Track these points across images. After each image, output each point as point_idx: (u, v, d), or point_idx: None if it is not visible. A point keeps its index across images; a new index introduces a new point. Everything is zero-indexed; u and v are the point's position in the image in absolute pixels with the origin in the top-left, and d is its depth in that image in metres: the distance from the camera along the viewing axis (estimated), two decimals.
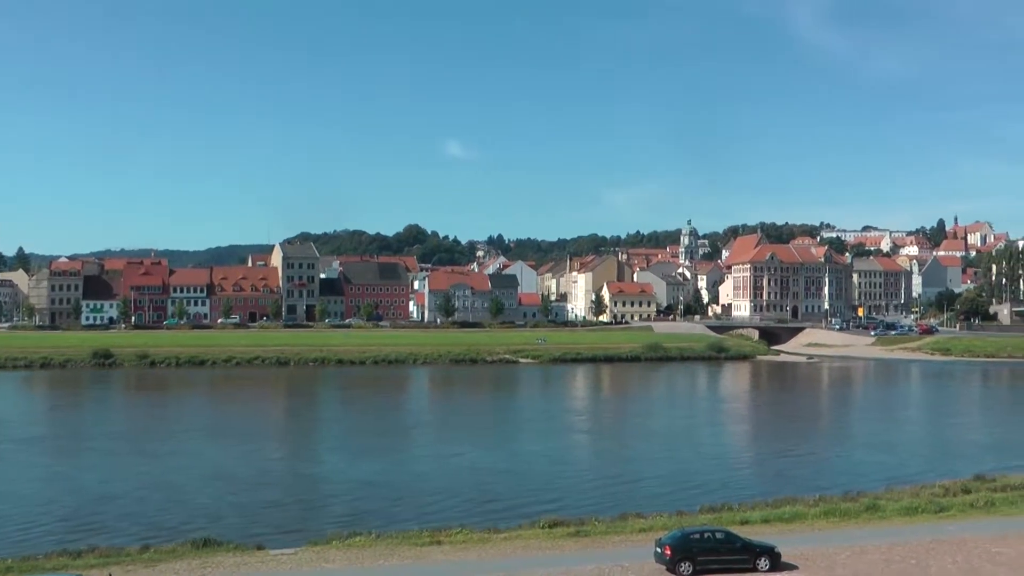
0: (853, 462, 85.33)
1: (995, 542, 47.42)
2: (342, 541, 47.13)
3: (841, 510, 54.55)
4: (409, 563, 42.71)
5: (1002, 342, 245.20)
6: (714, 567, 40.68)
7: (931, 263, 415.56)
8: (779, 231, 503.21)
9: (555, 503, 63.11)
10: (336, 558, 43.64)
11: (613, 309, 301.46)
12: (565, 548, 45.83)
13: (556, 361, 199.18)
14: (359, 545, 46.31)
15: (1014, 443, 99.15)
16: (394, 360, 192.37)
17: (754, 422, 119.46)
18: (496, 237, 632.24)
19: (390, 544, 46.60)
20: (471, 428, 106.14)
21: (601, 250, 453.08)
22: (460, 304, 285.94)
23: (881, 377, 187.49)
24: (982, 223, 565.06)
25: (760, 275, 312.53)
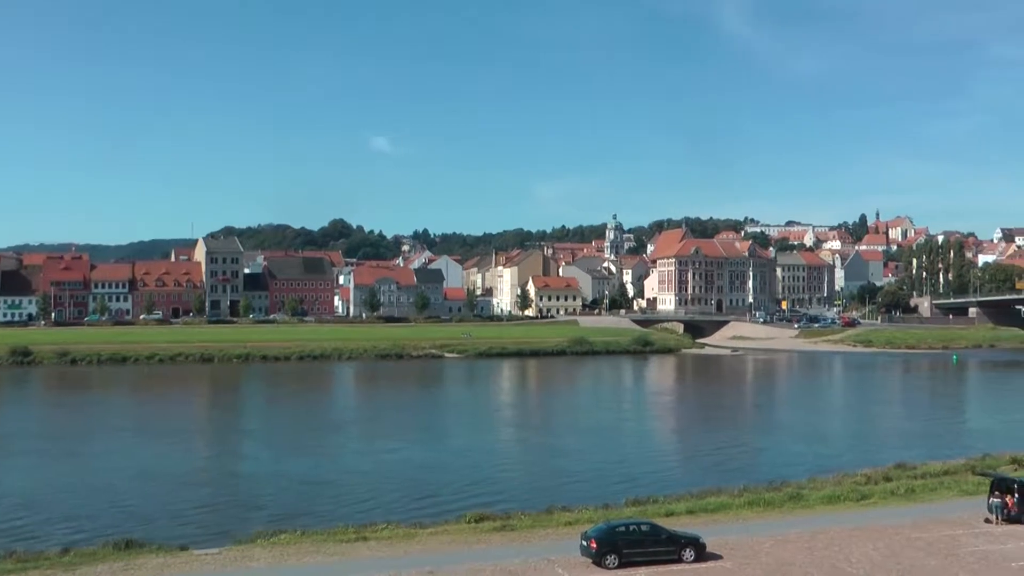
0: (777, 453, 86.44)
1: (915, 528, 48.39)
2: (267, 539, 46.79)
3: (765, 500, 55.26)
4: (334, 560, 42.55)
5: (922, 334, 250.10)
6: (640, 559, 40.89)
7: (853, 257, 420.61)
8: (703, 226, 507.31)
9: (482, 498, 63.19)
10: (261, 557, 43.34)
11: (539, 303, 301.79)
12: (491, 542, 45.93)
13: (482, 355, 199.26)
14: (284, 543, 46.02)
15: (934, 432, 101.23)
16: (319, 355, 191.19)
17: (679, 415, 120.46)
18: (422, 232, 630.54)
19: (315, 541, 46.40)
20: (398, 423, 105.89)
21: (527, 245, 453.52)
22: (385, 299, 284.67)
23: (805, 369, 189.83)
24: (903, 218, 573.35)
25: (685, 269, 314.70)
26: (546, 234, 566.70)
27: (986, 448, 79.64)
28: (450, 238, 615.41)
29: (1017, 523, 48.96)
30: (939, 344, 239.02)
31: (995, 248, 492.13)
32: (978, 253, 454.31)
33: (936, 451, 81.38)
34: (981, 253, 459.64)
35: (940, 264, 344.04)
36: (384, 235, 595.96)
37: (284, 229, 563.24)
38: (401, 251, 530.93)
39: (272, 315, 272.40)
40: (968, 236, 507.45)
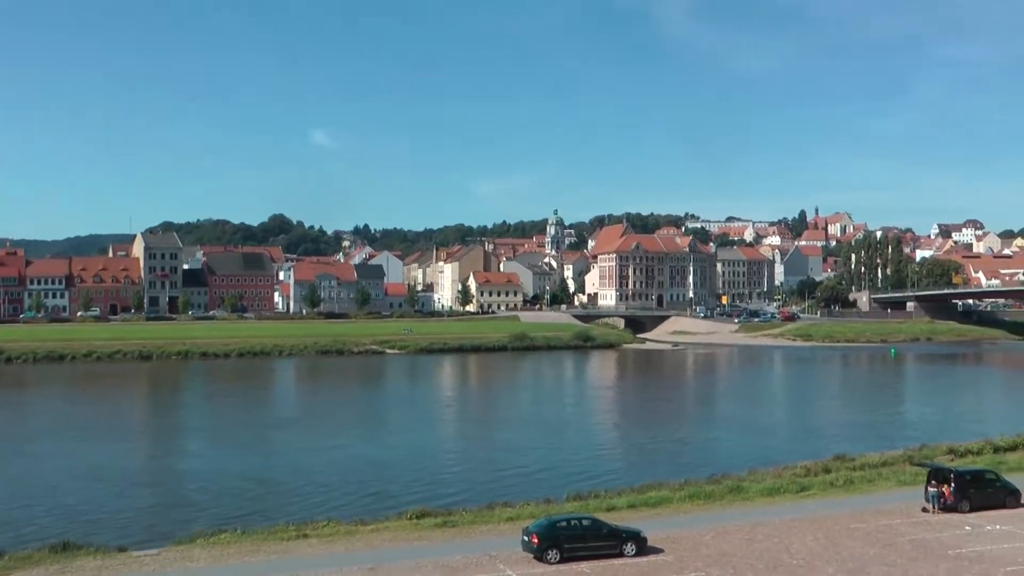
0: (718, 446, 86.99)
1: (853, 518, 48.90)
2: (207, 539, 46.25)
3: (706, 493, 55.50)
4: (275, 558, 42.22)
5: (861, 328, 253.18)
6: (581, 554, 40.91)
7: (793, 252, 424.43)
8: (644, 221, 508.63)
9: (424, 494, 63.01)
10: (200, 557, 42.88)
11: (480, 299, 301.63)
12: (432, 539, 45.78)
13: (423, 351, 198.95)
14: (224, 542, 45.55)
15: (872, 424, 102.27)
16: (259, 352, 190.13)
17: (620, 410, 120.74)
18: (362, 227, 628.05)
19: (256, 540, 46.01)
20: (341, 420, 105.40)
21: (468, 240, 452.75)
22: (326, 295, 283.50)
23: (745, 363, 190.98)
24: (842, 214, 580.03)
25: (626, 265, 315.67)
26: (487, 230, 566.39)
27: (923, 439, 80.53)
28: (391, 233, 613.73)
29: (953, 512, 49.70)
30: (877, 338, 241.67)
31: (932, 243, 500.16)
32: (915, 248, 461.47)
33: (874, 443, 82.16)
34: (918, 248, 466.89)
35: (878, 259, 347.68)
36: (324, 230, 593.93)
37: (223, 224, 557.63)
38: (342, 246, 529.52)
39: (212, 311, 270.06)
40: (906, 232, 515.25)
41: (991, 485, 52.10)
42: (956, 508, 49.94)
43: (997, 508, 50.70)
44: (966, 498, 50.41)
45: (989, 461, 64.57)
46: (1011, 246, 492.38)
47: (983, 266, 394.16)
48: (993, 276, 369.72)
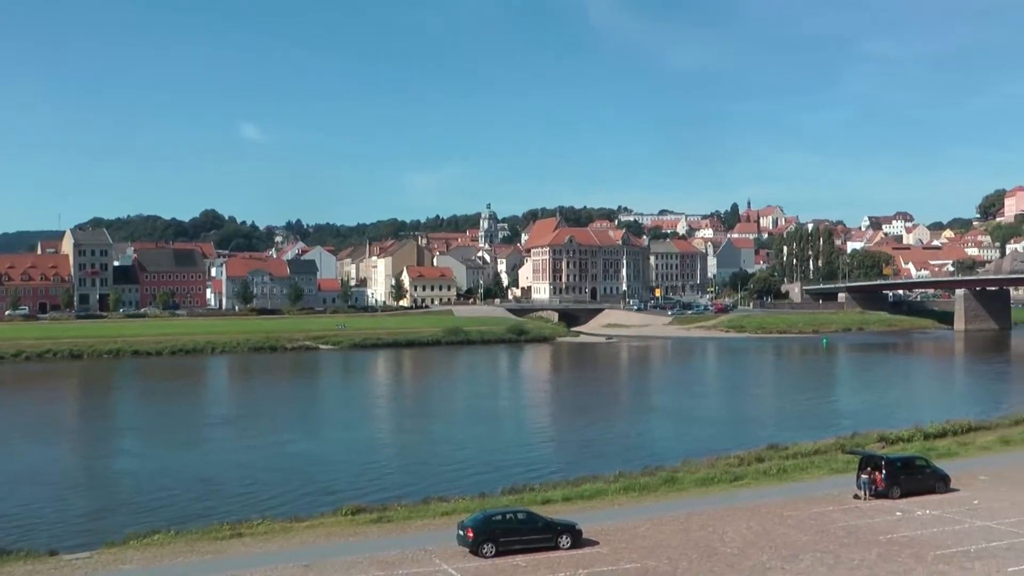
0: (653, 437, 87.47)
1: (786, 506, 49.41)
2: (140, 540, 45.49)
3: (640, 485, 55.67)
4: (209, 558, 41.73)
5: (793, 319, 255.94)
6: (517, 547, 40.86)
7: (725, 245, 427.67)
8: (577, 215, 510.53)
9: (359, 489, 62.91)
10: (134, 559, 42.24)
11: (413, 293, 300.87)
12: (368, 534, 45.58)
13: (357, 347, 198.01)
14: (158, 543, 44.89)
15: (805, 413, 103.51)
16: (192, 350, 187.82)
17: (555, 403, 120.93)
18: (295, 222, 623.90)
19: (189, 540, 45.43)
20: (274, 417, 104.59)
21: (401, 235, 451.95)
22: (259, 291, 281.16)
23: (679, 355, 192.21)
24: (774, 207, 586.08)
25: (559, 258, 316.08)
26: (420, 224, 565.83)
27: (855, 427, 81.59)
28: (323, 228, 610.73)
29: (884, 498, 50.41)
30: (809, 328, 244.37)
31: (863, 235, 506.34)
32: (847, 240, 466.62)
33: (807, 431, 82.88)
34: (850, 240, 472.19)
35: (810, 251, 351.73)
36: (256, 226, 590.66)
37: (154, 220, 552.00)
38: (274, 242, 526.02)
39: (143, 309, 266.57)
40: (837, 224, 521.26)
41: (921, 471, 52.92)
42: (887, 494, 50.65)
43: (927, 494, 51.52)
44: (897, 484, 51.13)
45: (919, 448, 65.63)
46: (940, 238, 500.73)
47: (913, 257, 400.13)
48: (923, 267, 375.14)
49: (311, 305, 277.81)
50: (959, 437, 72.80)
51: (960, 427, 76.60)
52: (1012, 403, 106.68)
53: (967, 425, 77.75)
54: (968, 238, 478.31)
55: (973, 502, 49.92)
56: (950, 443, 69.57)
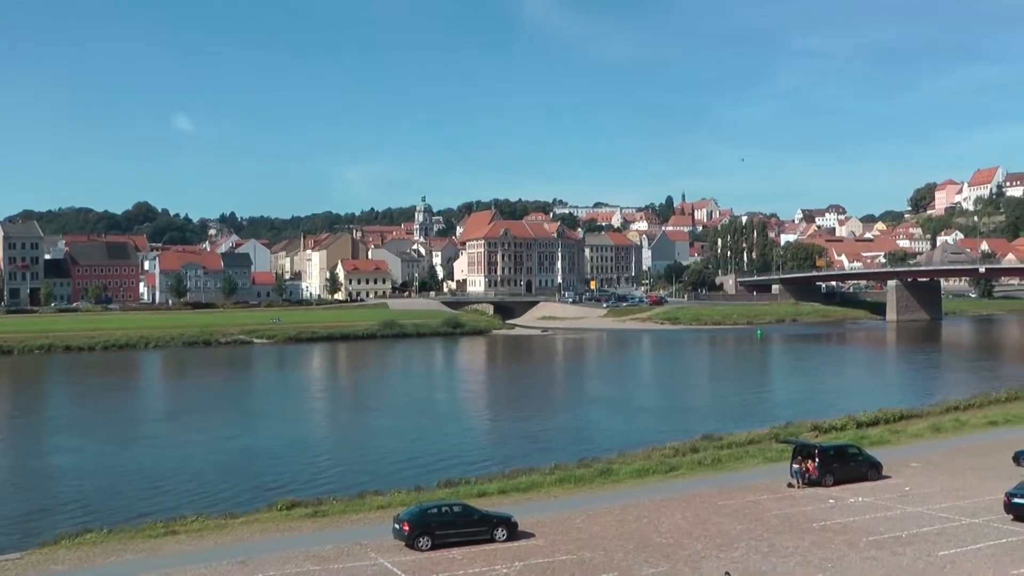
0: (588, 429, 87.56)
1: (720, 495, 49.81)
2: (72, 540, 44.65)
3: (576, 476, 55.75)
4: (143, 557, 41.16)
5: (727, 310, 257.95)
6: (453, 540, 40.79)
7: (660, 238, 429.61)
8: (513, 207, 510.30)
9: (294, 484, 62.37)
10: (65, 559, 41.52)
11: (348, 287, 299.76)
12: (303, 529, 45.30)
13: (291, 340, 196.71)
14: (90, 543, 44.15)
15: (739, 403, 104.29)
16: (125, 345, 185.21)
17: (491, 396, 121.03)
18: (229, 215, 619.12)
19: (122, 539, 44.77)
20: (208, 412, 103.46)
21: (336, 228, 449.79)
22: (192, 284, 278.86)
23: (614, 347, 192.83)
24: (708, 200, 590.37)
25: (494, 251, 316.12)
26: (355, 217, 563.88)
27: (789, 417, 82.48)
28: (258, 221, 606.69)
29: (818, 486, 50.99)
30: (744, 320, 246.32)
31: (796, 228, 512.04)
32: (780, 233, 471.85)
33: (741, 422, 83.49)
34: (783, 233, 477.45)
35: (744, 244, 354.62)
36: (190, 218, 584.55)
37: (86, 212, 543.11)
38: (208, 235, 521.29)
39: (75, 303, 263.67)
40: (771, 217, 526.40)
41: (854, 459, 53.61)
42: (820, 482, 51.21)
43: (860, 481, 52.18)
44: (830, 472, 51.73)
45: (852, 436, 66.34)
46: (872, 230, 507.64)
47: (845, 249, 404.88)
48: (855, 259, 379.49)
49: (245, 299, 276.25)
50: (891, 425, 73.72)
51: (892, 415, 77.62)
52: (942, 392, 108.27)
53: (899, 414, 78.83)
54: (900, 230, 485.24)
55: (904, 489, 50.59)
56: (882, 431, 70.44)
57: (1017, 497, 43.36)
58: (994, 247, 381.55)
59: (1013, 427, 71.29)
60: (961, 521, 43.50)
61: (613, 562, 38.05)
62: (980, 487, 50.42)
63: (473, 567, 37.86)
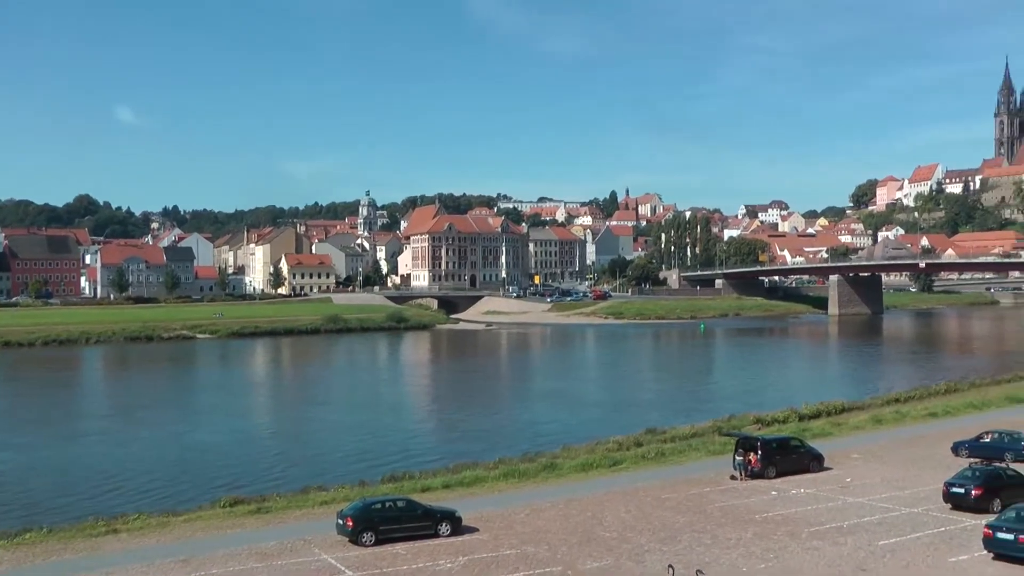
0: (533, 424, 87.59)
1: (664, 489, 49.96)
2: (10, 540, 43.81)
3: (520, 471, 55.69)
4: (83, 556, 40.55)
5: (671, 305, 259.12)
6: (397, 535, 40.63)
7: (604, 232, 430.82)
8: (457, 202, 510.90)
9: (238, 480, 62.16)
10: (3, 559, 40.70)
11: (292, 281, 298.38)
12: (246, 526, 44.93)
13: (235, 335, 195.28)
14: (29, 542, 43.37)
15: (682, 397, 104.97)
16: (66, 340, 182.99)
17: (435, 390, 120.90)
18: (171, 208, 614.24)
19: (63, 538, 44.07)
20: (151, 409, 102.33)
21: (279, 222, 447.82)
22: (134, 279, 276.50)
23: (558, 341, 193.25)
24: (652, 195, 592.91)
25: (438, 245, 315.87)
26: (299, 211, 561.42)
27: (732, 410, 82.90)
28: (201, 215, 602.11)
29: (760, 478, 51.34)
30: (687, 314, 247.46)
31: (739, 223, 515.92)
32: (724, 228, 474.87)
33: (685, 415, 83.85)
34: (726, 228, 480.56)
35: (688, 239, 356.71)
36: (132, 212, 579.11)
37: (26, 205, 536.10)
38: (150, 228, 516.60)
39: (14, 297, 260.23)
40: (714, 212, 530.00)
41: (796, 451, 53.99)
42: (763, 474, 51.56)
43: (802, 473, 52.52)
44: (772, 464, 52.07)
45: (794, 429, 66.86)
46: (814, 226, 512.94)
47: (788, 245, 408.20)
48: (797, 254, 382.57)
49: (188, 293, 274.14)
50: (833, 418, 74.25)
51: (833, 408, 78.14)
52: (883, 384, 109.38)
53: (840, 406, 79.40)
54: (841, 226, 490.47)
55: (846, 480, 51.06)
56: (824, 424, 71.01)
57: (955, 486, 44.06)
58: (934, 243, 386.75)
59: (952, 418, 72.12)
60: (901, 511, 44.03)
61: (557, 556, 38.09)
62: (920, 477, 51.02)
63: (417, 562, 37.77)
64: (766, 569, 35.88)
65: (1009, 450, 54.74)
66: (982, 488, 43.27)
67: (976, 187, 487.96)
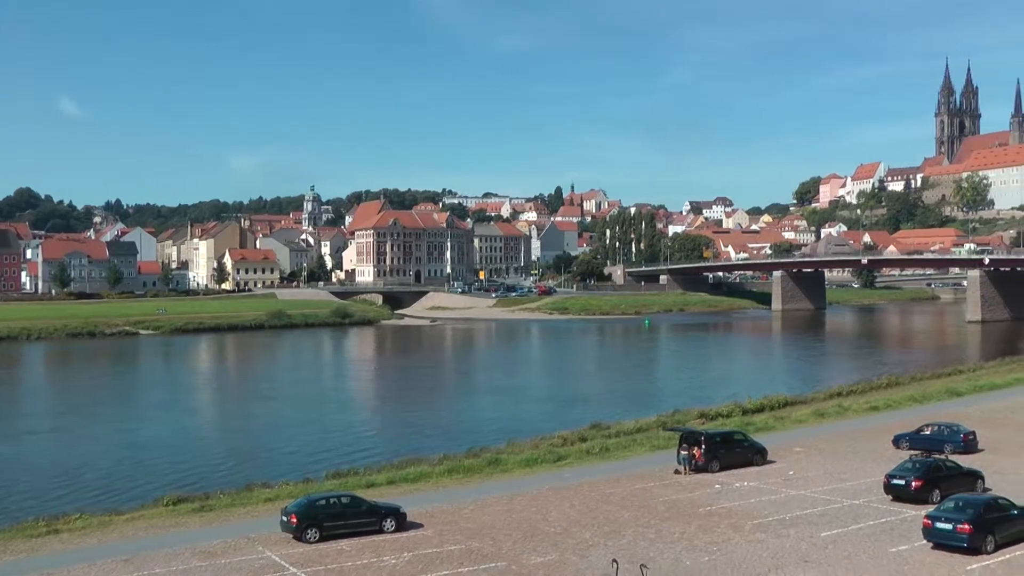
0: (478, 419, 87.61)
1: (608, 484, 50.11)
2: None
3: (465, 467, 55.70)
4: (24, 557, 40.00)
5: (616, 300, 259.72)
6: (341, 531, 40.50)
7: (549, 228, 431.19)
8: (402, 197, 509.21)
9: (181, 479, 61.67)
10: None
11: (236, 277, 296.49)
12: (190, 524, 44.59)
13: (178, 331, 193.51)
14: None
15: (627, 392, 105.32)
16: (6, 336, 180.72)
17: (380, 386, 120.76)
18: (114, 202, 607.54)
19: (2, 539, 43.43)
20: (93, 406, 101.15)
21: (223, 216, 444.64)
22: (76, 274, 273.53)
23: (503, 337, 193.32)
24: (597, 191, 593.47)
25: (383, 241, 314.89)
26: (243, 205, 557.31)
27: (676, 405, 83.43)
28: (144, 209, 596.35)
29: (704, 472, 51.66)
30: (632, 310, 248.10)
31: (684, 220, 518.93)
32: (668, 224, 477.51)
33: (629, 410, 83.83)
34: (671, 224, 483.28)
35: (632, 234, 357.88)
36: (75, 206, 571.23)
37: None
38: (93, 223, 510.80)
39: None
40: (659, 208, 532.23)
41: (739, 445, 54.45)
42: (707, 468, 51.91)
43: (745, 466, 53.00)
44: (716, 459, 52.44)
45: (738, 423, 67.32)
46: (758, 222, 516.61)
47: (732, 241, 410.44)
48: (741, 250, 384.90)
49: (131, 289, 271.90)
50: (776, 412, 75.00)
51: (777, 402, 78.96)
52: (826, 378, 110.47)
53: (783, 400, 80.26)
54: (785, 222, 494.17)
55: (788, 473, 51.57)
56: (767, 418, 71.63)
57: (896, 478, 44.78)
58: (876, 239, 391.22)
59: (893, 412, 72.96)
60: (843, 503, 44.55)
61: (502, 551, 38.14)
62: (861, 470, 51.63)
63: (361, 558, 37.67)
64: (710, 562, 36.11)
65: (948, 442, 55.60)
66: (922, 480, 44.01)
67: (917, 185, 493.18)
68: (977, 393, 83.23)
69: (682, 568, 35.50)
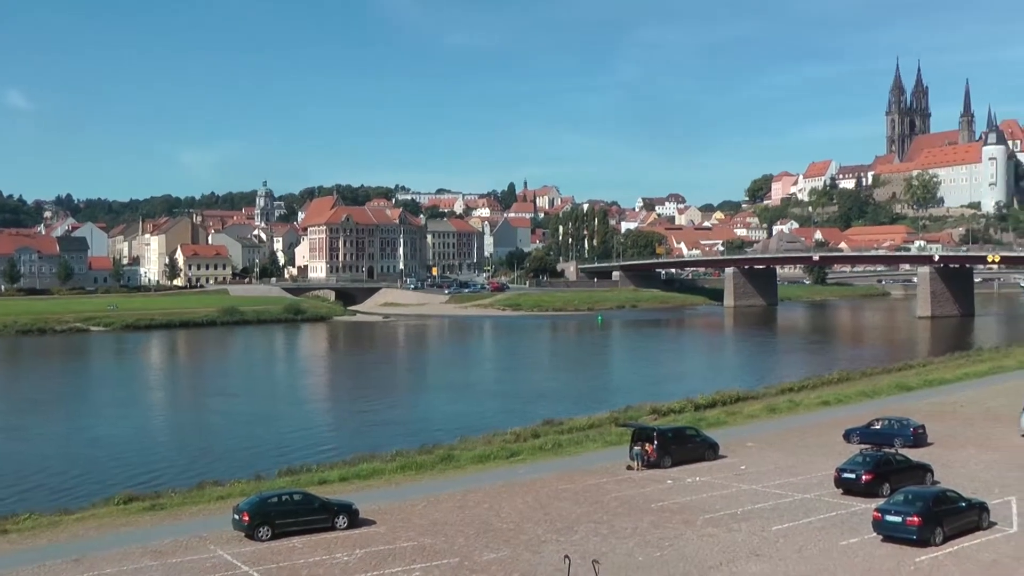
0: (430, 416, 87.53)
1: (561, 480, 50.21)
2: None
3: (417, 463, 55.59)
4: None
5: (569, 297, 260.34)
6: (293, 529, 40.35)
7: (502, 224, 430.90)
8: (355, 193, 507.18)
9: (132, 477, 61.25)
10: None
11: (188, 272, 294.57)
12: (141, 523, 44.23)
13: (129, 328, 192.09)
14: None
15: (580, 388, 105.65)
16: None
17: (332, 382, 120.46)
18: (65, 197, 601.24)
19: None
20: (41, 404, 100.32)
21: (175, 212, 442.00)
22: (26, 269, 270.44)
23: (456, 333, 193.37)
24: (550, 187, 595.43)
25: (336, 237, 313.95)
26: (195, 201, 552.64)
27: (629, 401, 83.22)
28: (95, 204, 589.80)
29: (657, 468, 51.86)
30: (585, 306, 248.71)
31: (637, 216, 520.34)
32: (621, 221, 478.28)
33: (582, 406, 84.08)
34: (624, 221, 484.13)
35: (585, 231, 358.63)
36: (24, 200, 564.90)
37: None
38: (43, 217, 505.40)
39: None
40: (612, 205, 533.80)
41: (691, 440, 54.76)
42: (659, 464, 52.12)
43: (697, 461, 53.19)
44: (668, 454, 52.65)
45: (690, 419, 67.59)
46: (710, 219, 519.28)
47: (684, 237, 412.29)
48: (694, 247, 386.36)
49: (82, 284, 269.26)
50: (728, 407, 75.35)
51: (729, 397, 79.36)
52: (777, 374, 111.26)
53: (735, 395, 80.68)
54: (737, 220, 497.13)
55: (740, 467, 51.90)
56: (719, 413, 72.00)
57: (846, 472, 45.19)
58: (827, 236, 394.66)
59: (844, 406, 73.56)
60: (794, 497, 44.90)
61: (454, 548, 38.15)
62: (812, 464, 52.02)
63: (314, 555, 37.57)
64: (662, 557, 36.27)
65: (898, 436, 56.13)
66: (872, 473, 44.40)
67: (868, 183, 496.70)
68: (927, 388, 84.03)
69: (634, 563, 35.62)
